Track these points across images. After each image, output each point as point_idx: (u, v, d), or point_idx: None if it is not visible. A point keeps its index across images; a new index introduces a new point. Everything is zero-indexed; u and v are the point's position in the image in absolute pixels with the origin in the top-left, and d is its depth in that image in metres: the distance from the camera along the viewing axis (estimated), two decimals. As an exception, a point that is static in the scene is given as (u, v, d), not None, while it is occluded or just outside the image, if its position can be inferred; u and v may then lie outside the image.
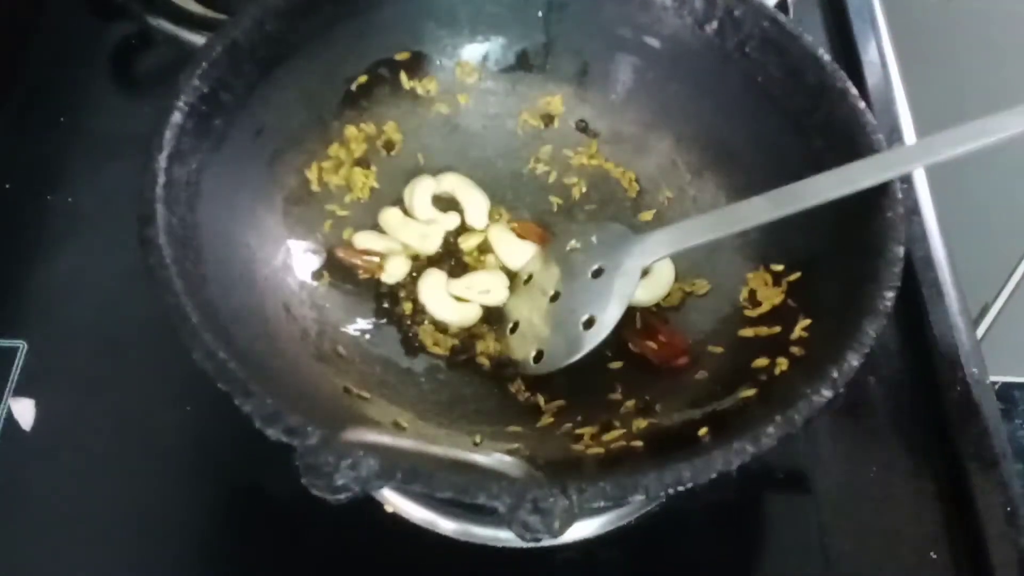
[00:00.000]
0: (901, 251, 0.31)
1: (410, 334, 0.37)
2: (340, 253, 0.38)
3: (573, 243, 0.38)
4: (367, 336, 0.37)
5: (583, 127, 0.42)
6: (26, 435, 0.36)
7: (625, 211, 0.41)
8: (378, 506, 0.34)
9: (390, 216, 0.39)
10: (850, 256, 0.32)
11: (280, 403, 0.26)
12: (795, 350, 0.32)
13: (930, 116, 0.46)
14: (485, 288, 0.38)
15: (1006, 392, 0.91)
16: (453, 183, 0.40)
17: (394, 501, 0.35)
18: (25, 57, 0.49)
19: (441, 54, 0.41)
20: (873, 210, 0.32)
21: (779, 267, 0.36)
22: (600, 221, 0.40)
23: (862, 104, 0.34)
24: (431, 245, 0.39)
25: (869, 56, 0.50)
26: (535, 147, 0.42)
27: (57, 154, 0.45)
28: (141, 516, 0.35)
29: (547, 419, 0.34)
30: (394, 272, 0.38)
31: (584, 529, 0.35)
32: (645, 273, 0.36)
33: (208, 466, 0.36)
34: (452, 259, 0.39)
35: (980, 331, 0.79)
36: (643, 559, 0.35)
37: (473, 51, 0.41)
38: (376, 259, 0.38)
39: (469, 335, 0.37)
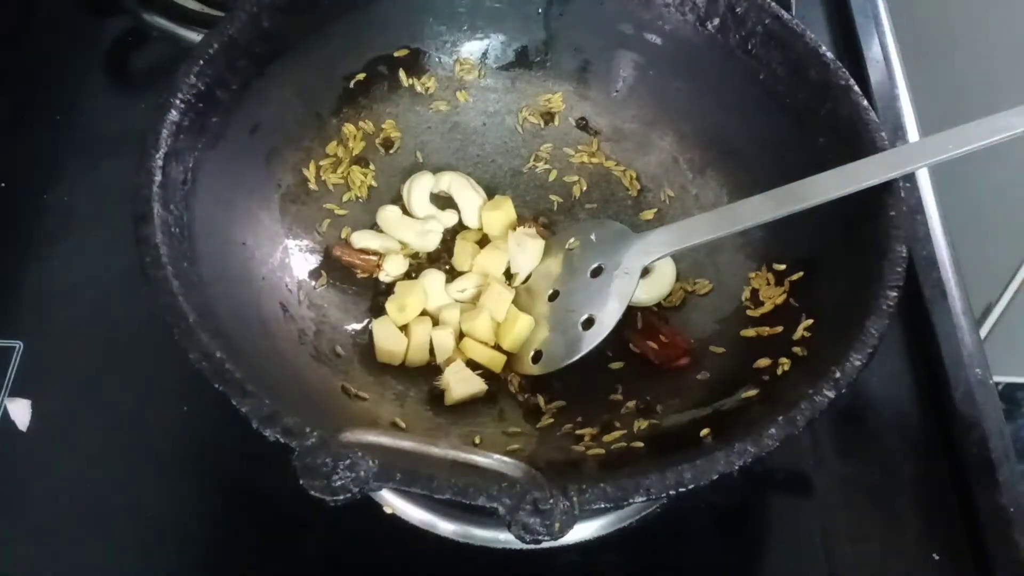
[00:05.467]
0: (904, 251, 0.31)
1: (409, 334, 0.37)
2: (338, 252, 0.38)
3: (572, 241, 0.38)
4: (365, 336, 0.36)
5: (584, 125, 0.42)
6: (22, 435, 0.36)
7: (626, 210, 0.40)
8: (377, 507, 0.34)
9: (388, 214, 0.39)
10: (853, 256, 0.32)
11: (278, 403, 0.26)
12: (797, 350, 0.32)
13: (934, 114, 0.46)
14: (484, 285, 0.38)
15: (1009, 393, 0.91)
16: (451, 181, 0.40)
17: (393, 502, 0.34)
18: (20, 54, 0.48)
19: (440, 51, 0.41)
20: (876, 209, 0.32)
21: (781, 266, 0.35)
22: (600, 219, 0.40)
23: (865, 102, 0.34)
24: (430, 243, 0.39)
25: (872, 53, 0.50)
26: (535, 145, 0.42)
27: (52, 152, 0.45)
28: (138, 517, 0.35)
29: (547, 420, 0.34)
30: (392, 271, 0.38)
31: (585, 531, 0.34)
32: (646, 272, 0.36)
33: (205, 467, 0.36)
34: (451, 258, 0.39)
35: (983, 331, 0.79)
36: (644, 561, 0.35)
37: (472, 48, 0.41)
38: (374, 258, 0.38)
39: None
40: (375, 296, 0.38)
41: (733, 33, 0.37)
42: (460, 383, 0.34)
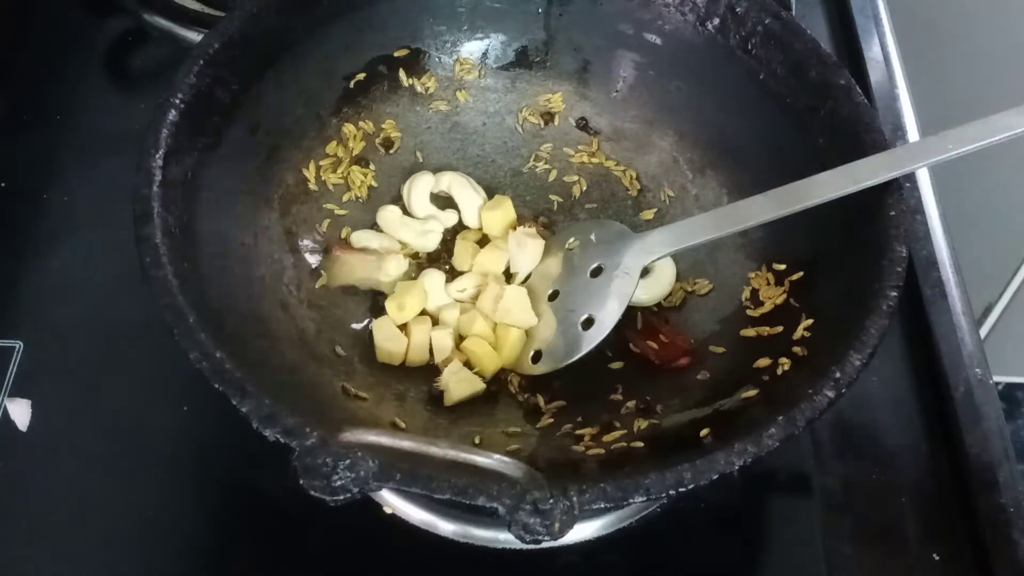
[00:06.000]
0: (904, 251, 0.31)
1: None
2: (338, 252, 0.38)
3: (572, 241, 0.38)
4: (365, 336, 0.36)
5: (583, 125, 0.42)
6: (22, 435, 0.36)
7: (626, 210, 0.40)
8: (377, 507, 0.34)
9: (388, 214, 0.39)
10: (853, 256, 0.32)
11: (278, 404, 0.26)
12: (797, 350, 0.32)
13: (934, 114, 0.46)
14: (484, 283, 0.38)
15: (1009, 392, 0.91)
16: (451, 181, 0.40)
17: (393, 502, 0.34)
18: (19, 54, 0.48)
19: (440, 51, 0.41)
20: (876, 209, 0.32)
21: (781, 266, 0.35)
22: (600, 219, 0.40)
23: (865, 102, 0.34)
24: (430, 243, 0.39)
25: (872, 53, 0.50)
26: (535, 145, 0.42)
27: (52, 152, 0.45)
28: (138, 517, 0.35)
29: (547, 420, 0.34)
30: (392, 271, 0.38)
31: (584, 531, 0.34)
32: (646, 272, 0.36)
33: (205, 467, 0.36)
34: (451, 258, 0.39)
35: (983, 331, 0.79)
36: (644, 561, 0.35)
37: (472, 48, 0.41)
38: (374, 258, 0.38)
39: (468, 335, 0.37)
40: (375, 296, 0.38)
41: (733, 33, 0.37)
42: (459, 383, 0.34)
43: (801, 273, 0.35)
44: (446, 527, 0.34)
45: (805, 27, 0.36)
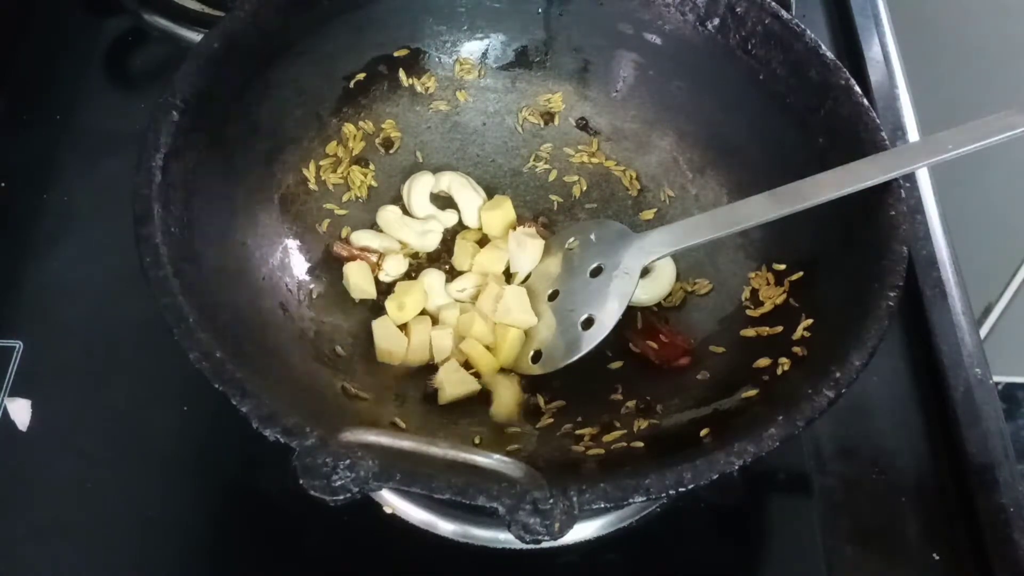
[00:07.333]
0: (904, 251, 0.31)
1: (409, 333, 0.37)
2: (338, 251, 0.38)
3: (572, 241, 0.38)
4: (366, 336, 0.36)
5: (583, 125, 0.42)
6: (22, 435, 0.36)
7: (626, 210, 0.40)
8: (377, 507, 0.34)
9: (388, 214, 0.39)
10: (853, 255, 0.32)
11: (278, 403, 0.26)
12: (797, 350, 0.32)
13: (934, 114, 0.46)
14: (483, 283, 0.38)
15: (1009, 392, 0.91)
16: (451, 181, 0.40)
17: (393, 502, 0.34)
18: (19, 54, 0.48)
19: (440, 51, 0.41)
20: (876, 209, 0.32)
21: (781, 266, 0.35)
22: (600, 219, 0.40)
23: (865, 102, 0.34)
24: (430, 243, 0.39)
25: (872, 53, 0.50)
26: (535, 145, 0.42)
27: (52, 152, 0.45)
28: (138, 517, 0.35)
29: (547, 420, 0.34)
30: (392, 271, 0.38)
31: (584, 531, 0.35)
32: (646, 272, 0.36)
33: (205, 467, 0.36)
34: (451, 258, 0.39)
35: (983, 331, 0.79)
36: (644, 561, 0.35)
37: (472, 48, 0.41)
38: (374, 258, 0.38)
39: (468, 334, 0.37)
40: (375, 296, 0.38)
41: (733, 33, 0.37)
42: (453, 384, 0.34)
43: (801, 273, 0.35)
44: (446, 527, 0.34)
45: (805, 27, 0.36)
